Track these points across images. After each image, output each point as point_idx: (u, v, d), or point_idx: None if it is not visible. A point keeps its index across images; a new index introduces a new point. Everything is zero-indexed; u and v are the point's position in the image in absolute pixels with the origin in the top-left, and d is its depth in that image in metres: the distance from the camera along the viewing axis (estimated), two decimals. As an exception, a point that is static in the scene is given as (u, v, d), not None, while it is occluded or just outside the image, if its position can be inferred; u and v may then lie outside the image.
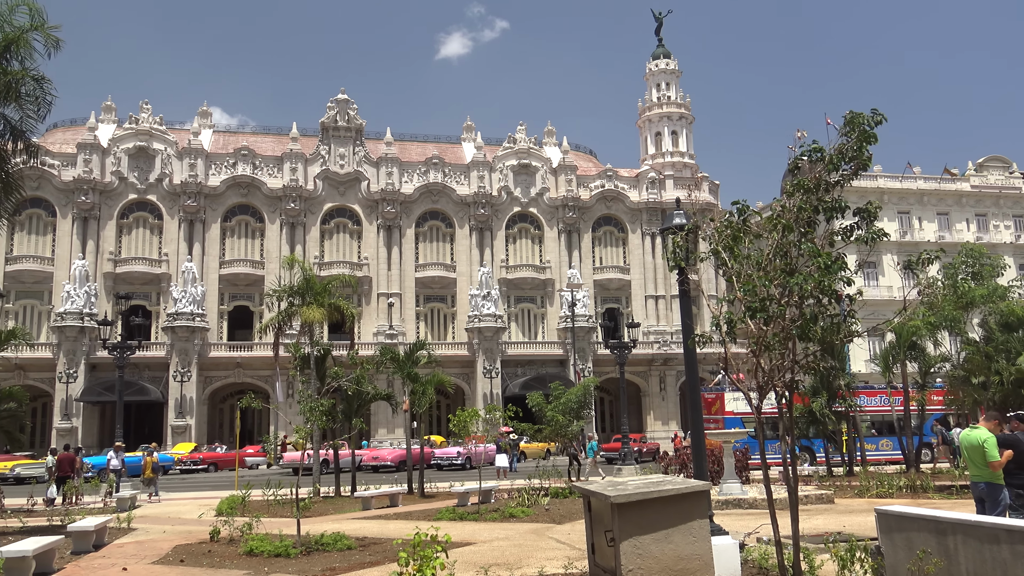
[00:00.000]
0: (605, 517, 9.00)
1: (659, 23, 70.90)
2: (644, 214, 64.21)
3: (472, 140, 67.32)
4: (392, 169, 60.57)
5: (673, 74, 70.36)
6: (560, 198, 62.77)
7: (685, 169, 67.40)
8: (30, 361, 50.60)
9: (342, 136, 60.78)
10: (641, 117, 71.00)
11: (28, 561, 12.68)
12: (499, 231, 62.13)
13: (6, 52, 20.30)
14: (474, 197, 61.36)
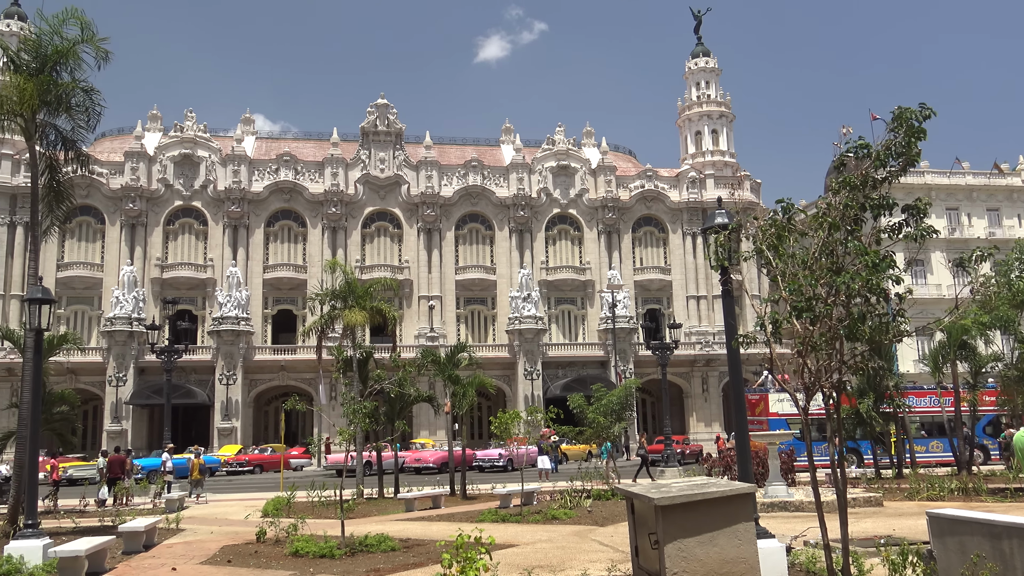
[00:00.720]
0: (649, 519, 8.92)
1: (698, 21, 70.33)
2: (685, 214, 63.70)
3: (511, 142, 67.39)
4: (432, 172, 60.89)
5: (713, 72, 69.69)
6: (599, 199, 62.54)
7: (726, 168, 66.72)
8: (81, 365, 51.78)
9: (382, 140, 61.25)
10: (681, 116, 70.45)
11: (81, 561, 12.97)
12: (539, 233, 62.10)
13: (57, 64, 20.84)
14: (513, 199, 61.40)
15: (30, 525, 14.44)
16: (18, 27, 55.48)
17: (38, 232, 21.68)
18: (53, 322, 16.54)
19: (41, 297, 15.54)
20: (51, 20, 20.66)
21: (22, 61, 21.01)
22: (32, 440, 15.66)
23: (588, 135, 69.43)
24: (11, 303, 53.91)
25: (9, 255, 55.06)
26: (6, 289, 54.47)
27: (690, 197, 63.63)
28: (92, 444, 52.04)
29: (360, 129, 61.48)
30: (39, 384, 16.20)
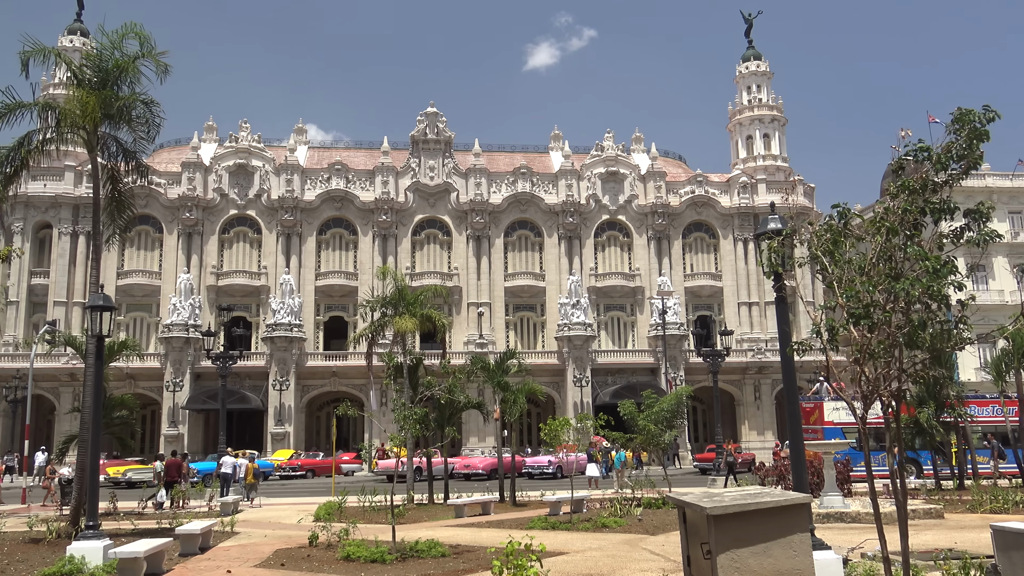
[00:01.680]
0: (701, 529, 8.80)
1: (749, 25, 69.56)
2: (736, 219, 62.95)
3: (560, 149, 67.35)
4: (481, 180, 61.15)
5: (764, 76, 68.83)
6: (649, 205, 62.14)
7: (778, 172, 65.76)
8: (140, 371, 53.06)
9: (431, 148, 61.73)
10: (731, 121, 69.69)
11: (140, 562, 13.27)
12: (588, 239, 61.92)
13: (118, 79, 21.44)
14: (562, 206, 61.34)
15: (91, 526, 14.82)
16: (80, 43, 57.27)
17: (100, 241, 22.29)
18: (113, 329, 16.98)
19: (102, 304, 15.96)
20: (112, 35, 21.25)
21: (84, 76, 21.65)
22: (93, 443, 16.08)
23: (637, 141, 69.07)
24: (73, 310, 55.53)
25: (72, 263, 56.75)
26: (69, 296, 56.14)
27: (741, 202, 62.87)
28: (150, 448, 53.29)
29: (410, 137, 62.05)
30: (100, 389, 16.62)
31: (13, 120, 20.93)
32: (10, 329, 55.49)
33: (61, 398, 53.87)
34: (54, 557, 15.07)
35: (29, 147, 21.37)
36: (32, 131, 21.60)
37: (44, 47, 21.16)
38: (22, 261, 55.05)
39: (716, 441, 36.95)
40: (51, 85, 55.53)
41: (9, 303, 55.15)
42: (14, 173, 21.47)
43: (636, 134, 69.50)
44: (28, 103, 21.12)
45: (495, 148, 68.01)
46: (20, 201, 54.20)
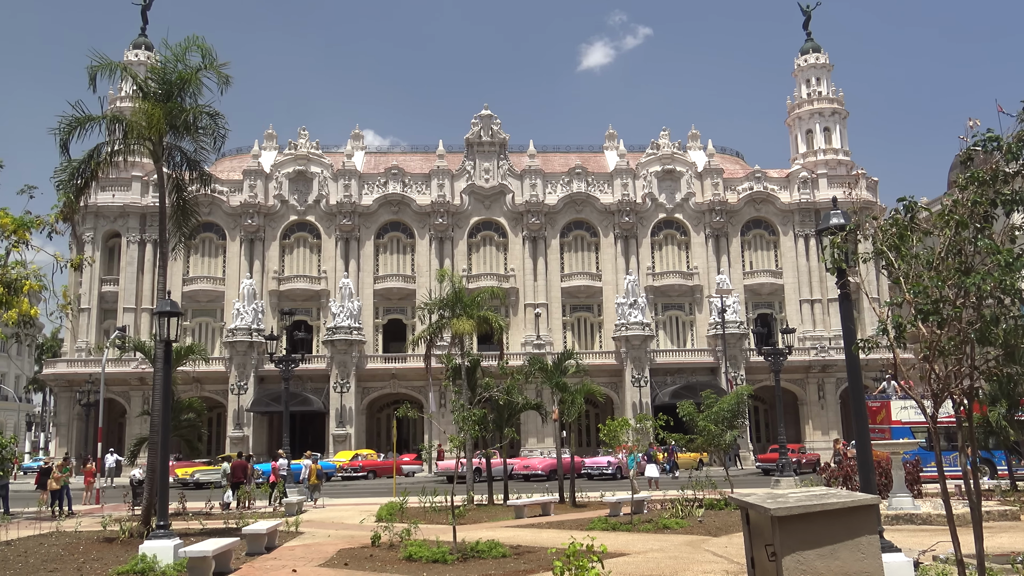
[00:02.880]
0: (765, 531, 8.66)
1: (807, 16, 68.29)
2: (796, 215, 61.79)
3: (615, 148, 66.98)
4: (536, 181, 61.18)
5: (824, 68, 67.42)
6: (706, 202, 61.39)
7: (839, 167, 64.33)
8: (205, 374, 54.37)
9: (486, 151, 61.97)
10: (790, 115, 68.41)
11: (209, 561, 13.59)
12: (644, 238, 61.45)
13: (181, 90, 22.00)
14: (618, 205, 61.00)
15: (162, 526, 15.22)
16: (145, 56, 58.97)
17: (166, 249, 22.90)
18: (180, 334, 17.44)
19: (170, 310, 16.40)
20: (175, 48, 21.80)
21: (149, 88, 22.25)
22: (163, 445, 16.52)
23: (693, 138, 68.32)
24: (142, 316, 57.21)
25: (140, 271, 58.48)
26: (137, 303, 57.87)
27: (802, 198, 61.69)
28: (216, 450, 54.53)
29: (464, 140, 62.41)
30: (169, 392, 17.08)
31: (83, 133, 21.64)
32: (83, 335, 57.43)
33: (131, 401, 55.52)
34: (127, 556, 15.53)
35: (98, 159, 22.06)
36: (101, 144, 22.28)
37: (111, 61, 21.80)
38: (93, 269, 56.92)
39: (779, 441, 36.26)
40: (117, 98, 57.27)
41: (81, 310, 57.04)
42: (84, 184, 22.18)
43: (692, 131, 68.78)
44: (96, 116, 21.80)
45: (550, 149, 67.99)
46: (90, 211, 56.00)
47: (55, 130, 21.34)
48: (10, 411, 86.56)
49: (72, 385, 54.95)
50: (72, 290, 54.76)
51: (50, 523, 23.04)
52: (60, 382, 56.61)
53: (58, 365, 57.62)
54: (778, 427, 36.85)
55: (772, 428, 58.08)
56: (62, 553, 16.94)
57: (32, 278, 25.84)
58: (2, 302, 24.77)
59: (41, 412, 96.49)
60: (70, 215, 23.93)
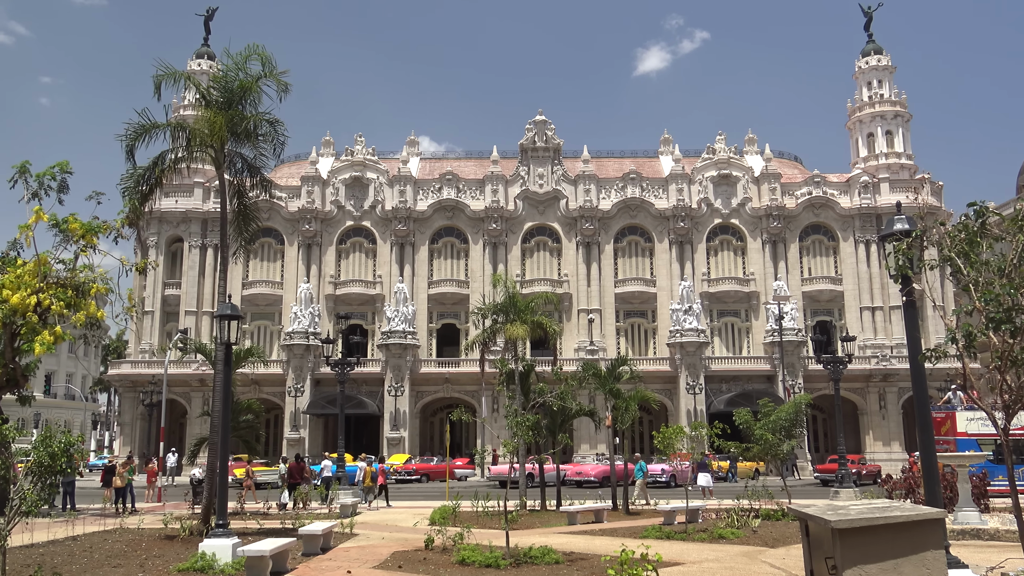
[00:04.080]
0: (825, 543, 8.47)
1: (868, 18, 66.92)
2: (857, 220, 60.47)
3: (669, 153, 66.43)
4: (590, 186, 61.00)
5: (886, 70, 65.93)
6: (763, 207, 60.47)
7: (902, 171, 62.81)
8: (264, 377, 55.38)
9: (540, 156, 62.01)
10: (851, 118, 67.04)
11: (266, 560, 13.80)
12: (699, 244, 60.78)
13: (242, 98, 22.46)
14: (673, 210, 60.46)
15: (221, 525, 15.51)
16: (207, 66, 60.46)
17: (227, 253, 23.38)
18: (240, 337, 17.76)
19: (230, 313, 16.70)
20: (236, 57, 22.26)
21: (212, 97, 22.77)
22: (223, 446, 16.85)
23: (750, 142, 67.41)
24: (203, 319, 58.57)
25: (201, 275, 59.90)
26: (199, 306, 59.26)
27: (862, 203, 60.36)
28: (274, 451, 55.47)
29: (519, 146, 62.54)
30: (229, 394, 17.39)
31: (148, 140, 22.24)
32: (146, 337, 59.02)
33: (192, 402, 56.85)
34: (187, 553, 15.87)
35: (162, 166, 22.64)
36: (165, 151, 22.87)
37: (175, 71, 22.36)
38: (156, 273, 58.44)
39: (839, 452, 35.45)
40: (181, 107, 58.79)
41: (145, 313, 58.62)
42: (149, 191, 22.78)
43: (749, 135, 67.91)
44: (161, 124, 22.39)
45: (604, 154, 67.76)
46: (155, 217, 57.51)
47: (122, 137, 21.98)
48: (77, 410, 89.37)
49: (136, 386, 56.49)
50: (136, 293, 56.29)
51: (114, 520, 23.70)
52: (124, 383, 58.26)
53: (122, 366, 59.30)
54: (837, 437, 36.02)
55: (831, 438, 56.89)
56: (125, 549, 17.39)
57: (99, 281, 26.71)
58: (71, 304, 25.64)
59: (106, 412, 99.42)
60: (135, 220, 24.64)
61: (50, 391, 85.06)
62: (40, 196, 26.18)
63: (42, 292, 24.72)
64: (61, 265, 26.22)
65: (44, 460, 12.38)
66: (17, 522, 12.28)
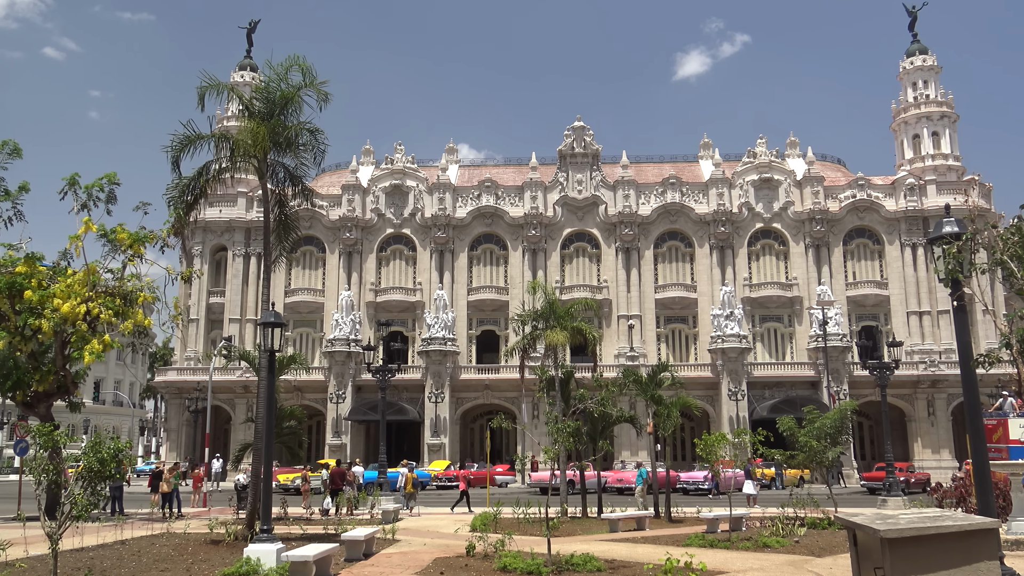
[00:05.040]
0: (874, 553, 8.30)
1: (913, 18, 65.84)
2: (903, 224, 59.34)
3: (709, 157, 65.87)
4: (629, 192, 60.73)
5: (931, 70, 64.71)
6: (806, 211, 59.65)
7: (949, 172, 61.54)
8: (306, 383, 55.98)
9: (579, 162, 61.91)
10: (896, 120, 65.89)
11: (310, 566, 13.92)
12: (741, 248, 60.15)
13: (284, 109, 22.75)
14: (713, 215, 59.93)
15: (265, 530, 15.66)
16: (250, 77, 61.42)
17: (270, 262, 23.67)
18: (282, 344, 17.94)
19: (274, 321, 16.90)
20: (277, 68, 22.55)
21: (254, 108, 23.10)
22: (267, 451, 17.03)
23: (792, 145, 66.58)
24: (246, 327, 59.40)
25: (244, 283, 60.79)
26: (242, 314, 60.12)
27: (908, 205, 59.23)
28: (316, 456, 55.99)
29: (557, 152, 62.51)
30: (273, 400, 17.60)
31: (193, 151, 22.63)
32: (192, 345, 60.03)
33: (236, 409, 57.65)
34: (232, 558, 16.06)
35: (207, 176, 23.01)
36: (209, 161, 23.24)
37: (218, 82, 22.73)
38: (201, 282, 59.43)
39: (886, 459, 34.77)
40: (224, 118, 59.76)
41: (190, 321, 59.66)
42: (194, 200, 23.18)
43: (791, 138, 67.11)
44: (206, 135, 22.79)
45: (643, 159, 67.41)
46: (199, 226, 58.56)
47: (167, 148, 22.39)
48: (125, 416, 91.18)
49: (182, 392, 57.47)
50: (182, 301, 57.33)
51: (161, 524, 24.10)
52: (171, 389, 59.31)
53: (169, 373, 60.39)
54: (884, 444, 35.37)
55: (877, 445, 55.84)
56: (172, 553, 17.66)
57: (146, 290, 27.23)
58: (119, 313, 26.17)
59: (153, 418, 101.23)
60: (180, 230, 25.09)
61: (99, 398, 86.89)
62: (89, 207, 26.80)
63: (91, 301, 25.26)
64: (109, 274, 26.78)
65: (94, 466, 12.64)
66: (68, 526, 12.55)
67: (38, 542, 16.39)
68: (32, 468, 12.99)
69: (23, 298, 25.47)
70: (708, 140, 68.12)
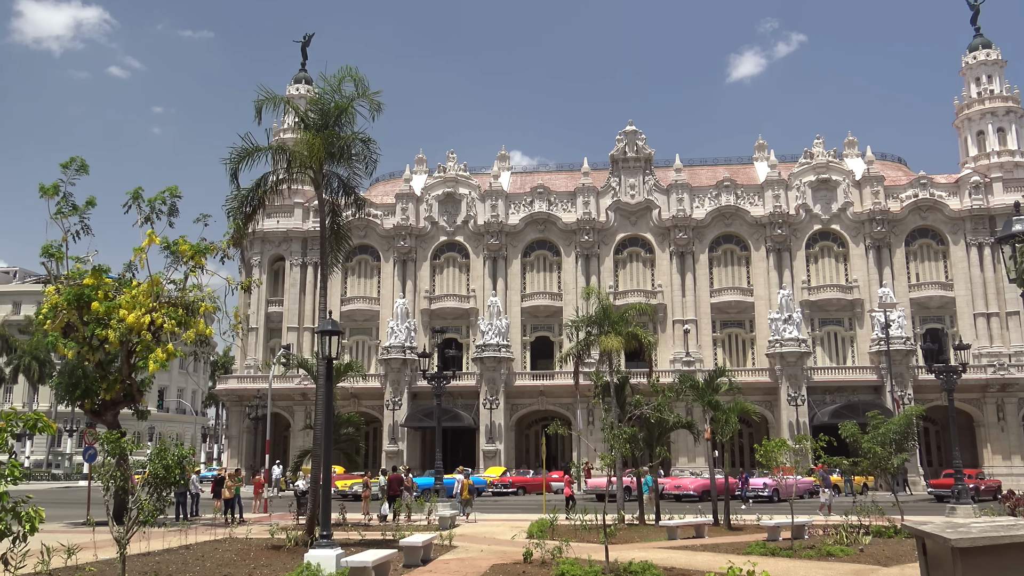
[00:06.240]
0: (945, 563, 8.03)
1: (975, 11, 63.98)
2: (968, 223, 57.63)
3: (764, 159, 64.87)
4: (683, 195, 60.15)
5: (996, 65, 62.80)
6: (866, 212, 58.33)
7: (1016, 169, 59.58)
8: (362, 390, 56.62)
9: (631, 167, 61.55)
10: (959, 116, 64.05)
11: (368, 572, 14.03)
12: (798, 251, 59.08)
13: (338, 119, 23.07)
14: (769, 217, 59.00)
15: (325, 536, 15.84)
16: (305, 90, 62.50)
17: (327, 271, 24.00)
18: (339, 352, 18.14)
19: (331, 329, 17.10)
20: (330, 80, 22.89)
21: (309, 119, 23.49)
22: (326, 458, 17.23)
23: (850, 145, 65.22)
24: (304, 335, 60.34)
25: (302, 292, 61.79)
26: (300, 323, 61.10)
27: (973, 204, 57.51)
28: (373, 463, 56.54)
29: (609, 157, 62.24)
30: (331, 407, 17.79)
31: (250, 163, 23.09)
32: (251, 353, 61.20)
33: (295, 416, 58.58)
34: (293, 563, 16.27)
35: (264, 187, 23.44)
36: (266, 173, 23.68)
37: (275, 95, 23.18)
38: (260, 291, 60.60)
39: (954, 466, 33.71)
40: (280, 131, 60.89)
41: (250, 329, 60.82)
42: (252, 211, 23.63)
43: (849, 138, 65.72)
44: (263, 147, 23.23)
45: (696, 162, 66.76)
46: (257, 237, 59.73)
47: (226, 160, 22.87)
48: (188, 424, 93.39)
49: (242, 400, 58.61)
50: (242, 311, 58.52)
51: (224, 529, 24.56)
52: (231, 397, 60.53)
53: (229, 381, 61.65)
54: (952, 450, 34.27)
55: (944, 451, 54.27)
56: (235, 558, 17.97)
57: (207, 300, 27.89)
58: (181, 323, 26.85)
59: (215, 425, 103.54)
60: (239, 240, 25.64)
61: (163, 406, 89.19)
62: (152, 220, 27.60)
63: (155, 311, 25.97)
64: (172, 285, 27.50)
65: (159, 472, 12.94)
66: (135, 531, 12.87)
67: (107, 546, 16.85)
68: (100, 474, 13.36)
69: (91, 309, 26.30)
70: (763, 141, 67.14)
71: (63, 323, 26.98)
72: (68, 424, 70.29)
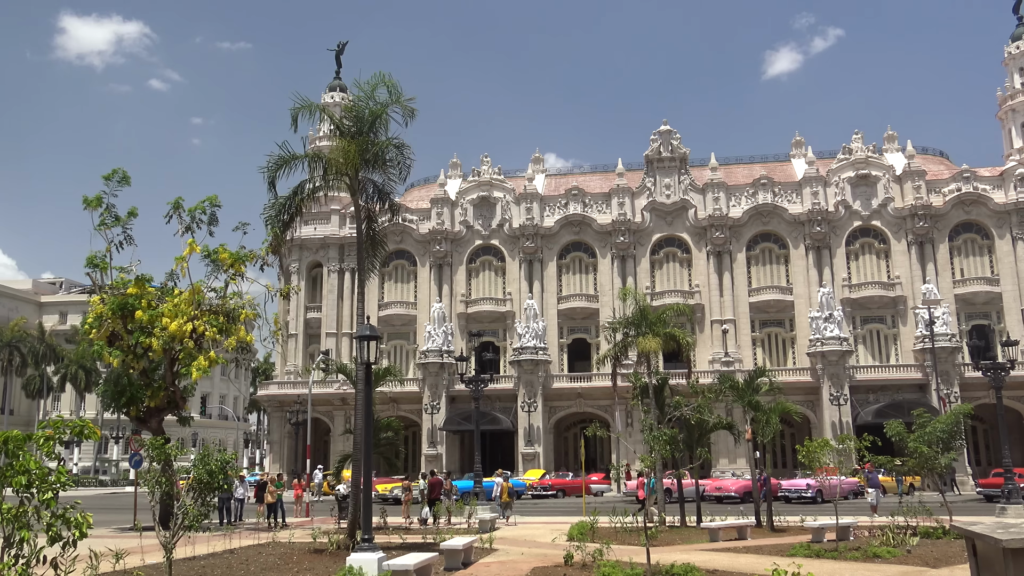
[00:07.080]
0: (996, 564, 7.86)
1: (1017, 0, 62.54)
2: (1014, 216, 56.37)
3: (802, 156, 64.02)
4: (719, 194, 59.62)
5: (1039, 54, 61.37)
6: (907, 207, 57.32)
7: (1062, 161, 58.13)
8: (401, 394, 56.91)
9: (666, 166, 61.17)
10: (1001, 108, 62.68)
11: (410, 574, 14.08)
12: (838, 248, 58.23)
13: (372, 126, 23.22)
14: (808, 215, 58.24)
15: (366, 540, 15.94)
16: (340, 98, 63.14)
17: (364, 277, 24.16)
18: (378, 356, 18.26)
19: (369, 334, 17.22)
20: (364, 87, 23.03)
21: (344, 127, 23.67)
22: (366, 462, 17.35)
23: (890, 139, 64.17)
24: (342, 340, 60.85)
25: (339, 298, 62.34)
26: (338, 328, 61.63)
27: (1019, 197, 56.24)
28: (412, 467, 56.82)
29: (644, 157, 61.91)
30: (370, 412, 17.91)
31: (288, 171, 23.33)
32: (291, 359, 61.88)
33: (334, 420, 59.08)
34: (335, 567, 16.41)
35: (302, 195, 23.68)
36: (303, 181, 23.92)
37: (310, 103, 23.37)
38: (299, 298, 61.24)
39: (1004, 465, 33.00)
40: (316, 139, 61.53)
41: (289, 336, 61.51)
42: (290, 219, 23.87)
43: (888, 132, 64.70)
44: (300, 155, 23.44)
45: (732, 161, 66.12)
46: (295, 244, 60.42)
47: (264, 169, 23.12)
48: (230, 430, 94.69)
49: (283, 405, 59.27)
50: (281, 317, 59.17)
51: (266, 534, 24.84)
52: (272, 403, 61.26)
53: (270, 387, 62.40)
54: (1002, 449, 33.59)
55: (993, 450, 53.08)
56: (278, 563, 18.16)
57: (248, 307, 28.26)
58: (223, 330, 27.23)
59: (256, 430, 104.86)
60: (278, 248, 25.92)
61: (206, 412, 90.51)
62: (193, 229, 28.04)
63: (197, 319, 26.36)
64: (213, 293, 27.90)
65: (203, 477, 13.14)
66: (181, 536, 13.06)
67: (153, 551, 17.13)
68: (146, 480, 13.59)
69: (134, 318, 26.79)
70: (800, 138, 66.25)
71: (108, 332, 27.53)
72: (114, 431, 71.76)
